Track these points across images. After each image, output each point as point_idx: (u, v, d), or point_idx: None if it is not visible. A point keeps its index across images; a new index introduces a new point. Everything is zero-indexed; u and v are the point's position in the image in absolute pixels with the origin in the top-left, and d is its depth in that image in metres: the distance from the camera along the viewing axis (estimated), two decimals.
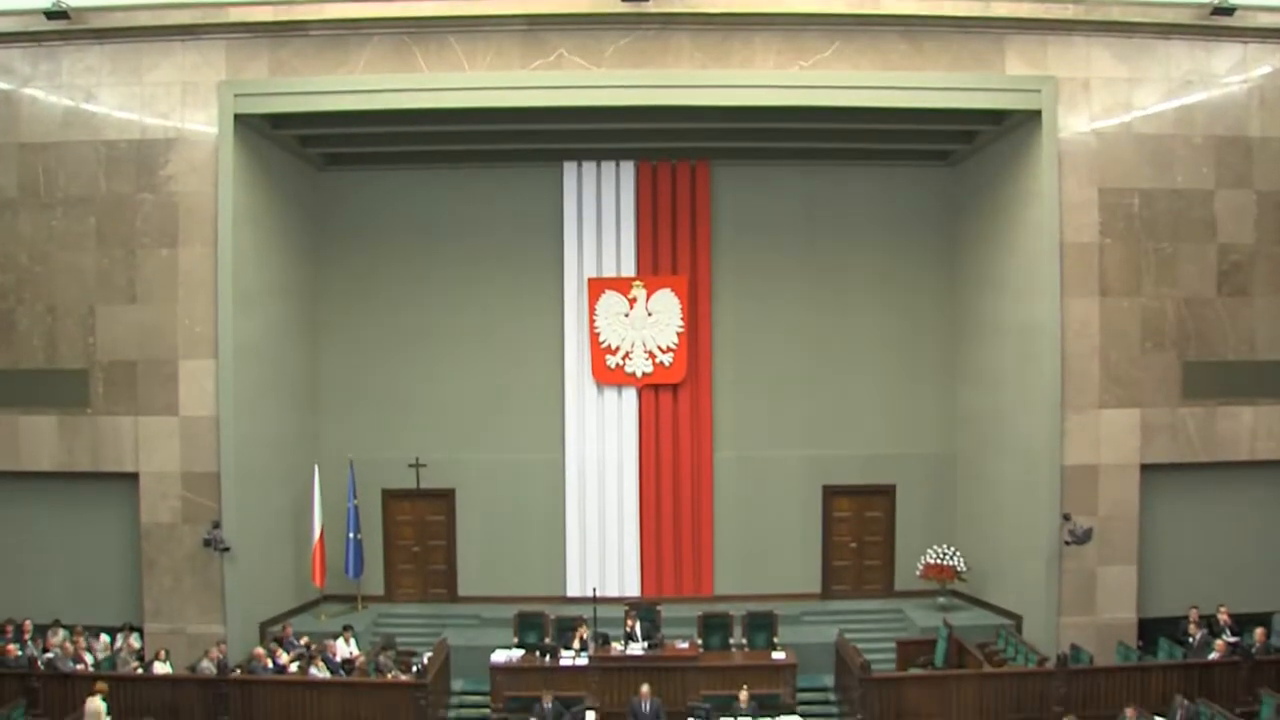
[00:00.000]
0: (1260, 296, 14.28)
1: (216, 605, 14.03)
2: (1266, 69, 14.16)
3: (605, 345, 16.25)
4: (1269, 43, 14.12)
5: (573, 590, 16.24)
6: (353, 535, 15.71)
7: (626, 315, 16.24)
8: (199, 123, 13.90)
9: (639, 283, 16.25)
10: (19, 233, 14.05)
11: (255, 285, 14.57)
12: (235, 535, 13.93)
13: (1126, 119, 14.09)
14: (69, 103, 13.94)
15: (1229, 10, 13.79)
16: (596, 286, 16.28)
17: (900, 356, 16.54)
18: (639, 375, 16.26)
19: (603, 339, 16.26)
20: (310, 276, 16.25)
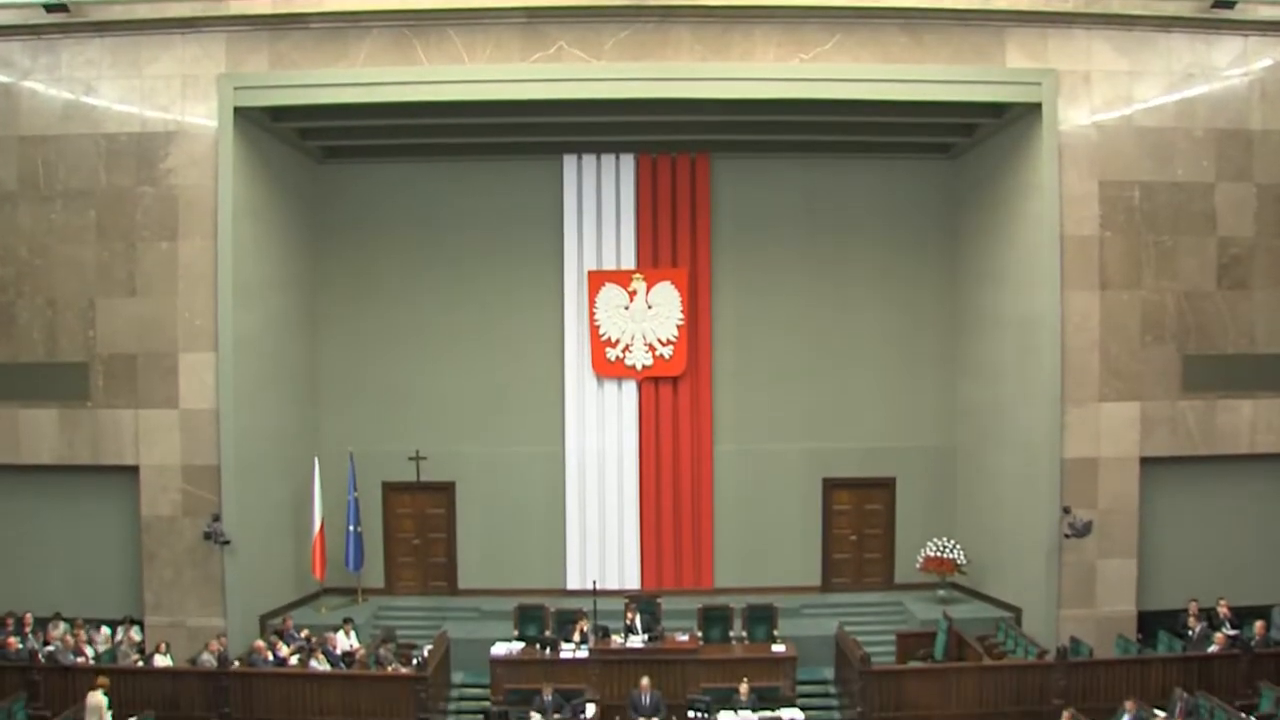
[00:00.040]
0: (1260, 290, 14.27)
1: (217, 598, 14.04)
2: (1267, 62, 14.13)
3: (605, 338, 16.25)
4: (1270, 35, 14.08)
5: (573, 583, 16.26)
6: (353, 528, 15.73)
7: (626, 308, 16.24)
8: (199, 116, 13.88)
9: (639, 275, 16.25)
10: (19, 226, 14.03)
11: (255, 278, 14.56)
12: (235, 528, 13.94)
13: (1127, 112, 14.07)
14: (69, 96, 13.91)
15: (1230, 3, 13.76)
16: (596, 279, 16.27)
17: (900, 349, 16.54)
18: (639, 368, 16.26)
19: (603, 332, 16.26)
20: (310, 269, 16.24)
